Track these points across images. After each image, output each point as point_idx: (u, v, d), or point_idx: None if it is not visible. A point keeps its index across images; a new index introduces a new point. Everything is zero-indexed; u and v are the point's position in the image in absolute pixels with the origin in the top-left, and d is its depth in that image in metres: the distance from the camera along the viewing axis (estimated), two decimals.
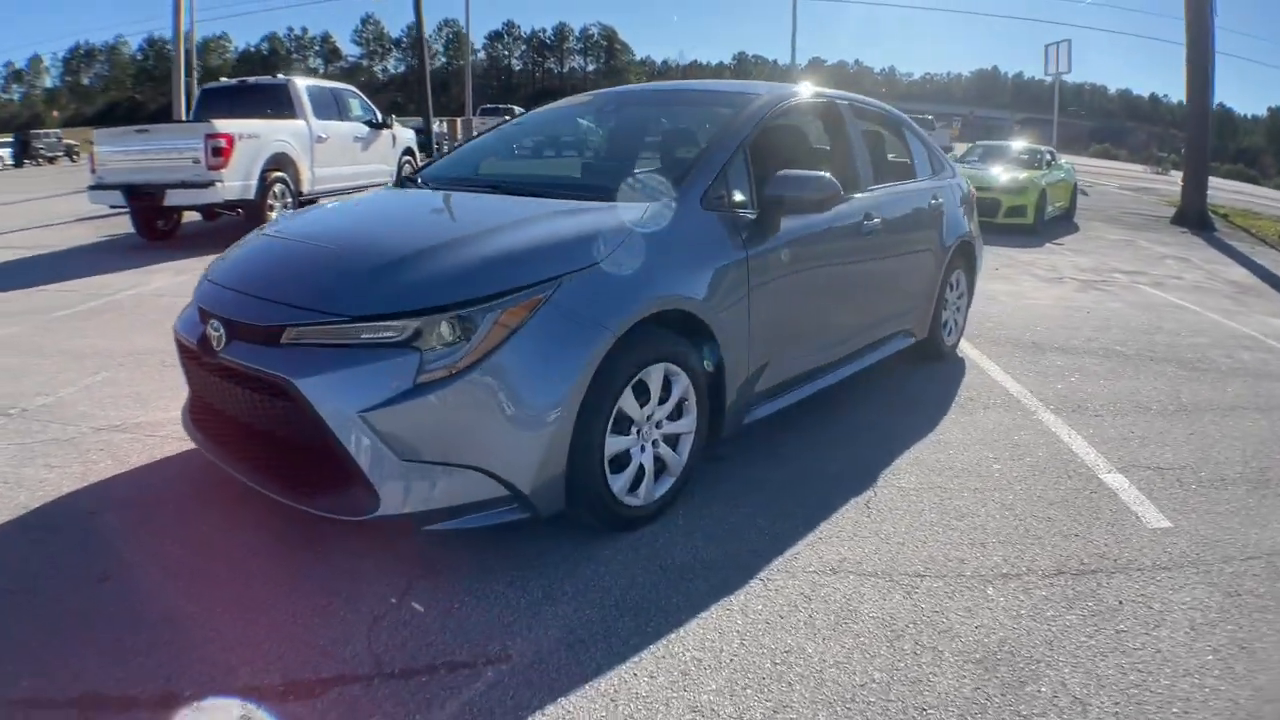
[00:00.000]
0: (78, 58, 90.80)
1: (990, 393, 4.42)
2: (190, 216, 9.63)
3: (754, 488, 3.05)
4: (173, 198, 7.93)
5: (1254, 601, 2.45)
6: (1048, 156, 13.78)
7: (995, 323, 6.20)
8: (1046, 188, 12.41)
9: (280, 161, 8.81)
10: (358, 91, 11.27)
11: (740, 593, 2.35)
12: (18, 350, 4.64)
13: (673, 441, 2.79)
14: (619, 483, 2.56)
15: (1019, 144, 14.83)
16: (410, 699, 1.87)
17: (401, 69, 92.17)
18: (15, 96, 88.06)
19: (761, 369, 3.13)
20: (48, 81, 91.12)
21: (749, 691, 1.93)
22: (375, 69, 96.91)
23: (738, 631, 2.16)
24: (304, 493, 2.35)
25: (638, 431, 2.62)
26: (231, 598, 2.26)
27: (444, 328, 2.23)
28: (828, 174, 3.10)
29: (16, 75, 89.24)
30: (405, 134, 12.22)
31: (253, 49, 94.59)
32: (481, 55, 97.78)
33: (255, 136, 8.46)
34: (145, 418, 3.60)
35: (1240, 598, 2.47)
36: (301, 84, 9.73)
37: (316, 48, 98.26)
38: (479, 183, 3.34)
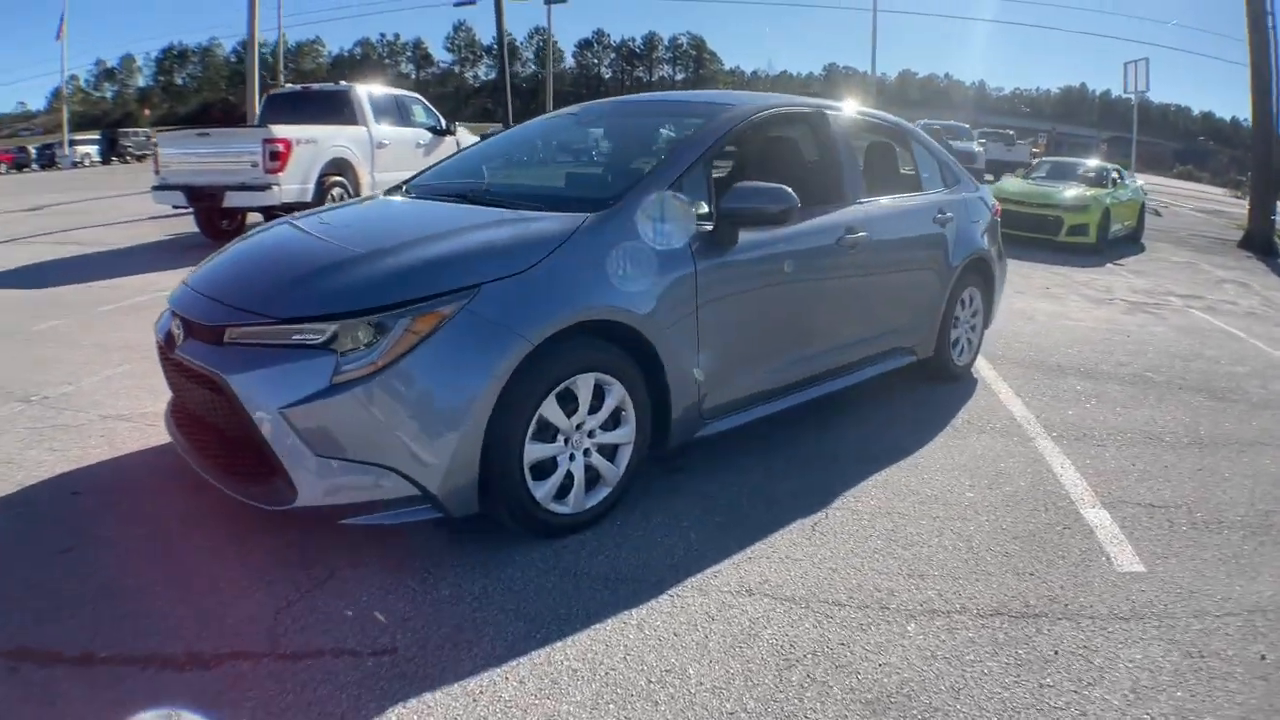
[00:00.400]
0: (170, 58, 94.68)
1: (992, 415, 4.22)
2: (255, 216, 10.18)
3: (703, 502, 3.00)
4: (231, 199, 8.39)
5: (1217, 666, 2.21)
6: (1115, 175, 13.13)
7: (1026, 343, 5.92)
8: (1111, 207, 11.78)
9: (339, 166, 9.19)
10: (421, 98, 11.65)
11: (644, 607, 2.31)
12: (57, 342, 4.99)
13: (609, 452, 2.79)
14: (542, 490, 2.57)
15: (1089, 162, 14.18)
16: (288, 680, 1.93)
17: (492, 75, 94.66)
18: (108, 94, 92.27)
19: (716, 383, 3.09)
20: (140, 81, 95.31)
21: (611, 707, 1.90)
22: (466, 75, 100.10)
23: (625, 646, 2.13)
24: (238, 482, 2.46)
25: (565, 440, 2.63)
26: (168, 575, 2.39)
27: (359, 331, 2.30)
28: (786, 187, 3.03)
29: (109, 73, 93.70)
30: (469, 140, 12.57)
31: (346, 53, 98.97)
32: (571, 63, 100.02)
33: (313, 141, 8.86)
34: (151, 408, 3.82)
35: (1201, 659, 2.24)
36: (363, 90, 10.14)
37: (408, 53, 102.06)
38: (452, 192, 3.42)
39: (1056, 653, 2.23)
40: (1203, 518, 3.15)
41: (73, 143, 37.60)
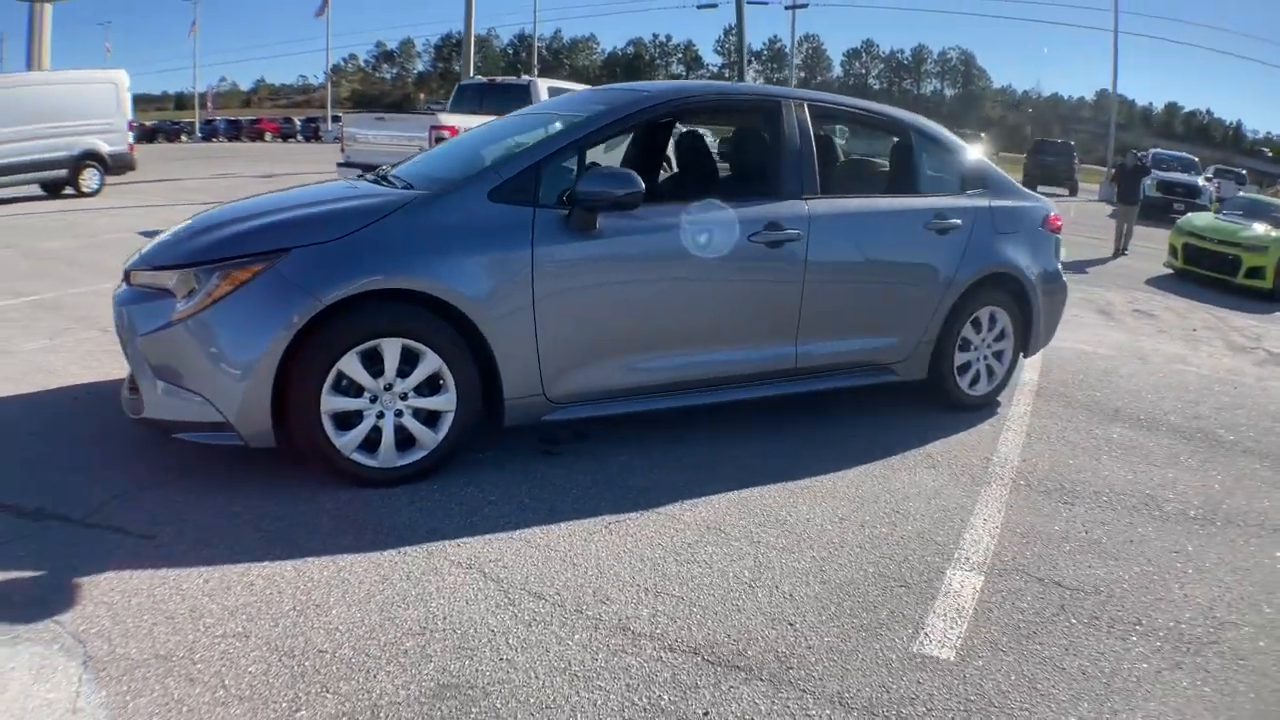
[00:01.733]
0: (449, 46, 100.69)
1: (965, 452, 3.63)
2: None
3: (535, 483, 2.99)
4: None
5: None
6: None
7: (1108, 383, 4.94)
8: None
9: None
10: None
11: (361, 557, 2.42)
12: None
13: (431, 418, 2.92)
14: (344, 439, 2.77)
15: None
16: (79, 541, 2.44)
17: (759, 81, 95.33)
18: (387, 76, 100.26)
19: (568, 370, 3.06)
20: (419, 66, 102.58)
21: (264, 621, 2.10)
22: (733, 79, 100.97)
23: (292, 585, 2.28)
24: (128, 394, 2.99)
25: (372, 398, 2.82)
26: (79, 459, 2.97)
27: (190, 281, 2.68)
28: (633, 172, 2.93)
29: (388, 55, 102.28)
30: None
31: (619, 51, 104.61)
32: (839, 73, 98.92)
33: None
34: None
35: None
36: (543, 85, 10.89)
37: (679, 55, 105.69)
38: (397, 178, 3.62)
39: (705, 714, 1.89)
40: (1111, 615, 2.44)
41: (335, 118, 43.11)
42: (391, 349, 2.77)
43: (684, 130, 3.79)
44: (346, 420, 2.79)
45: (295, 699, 1.84)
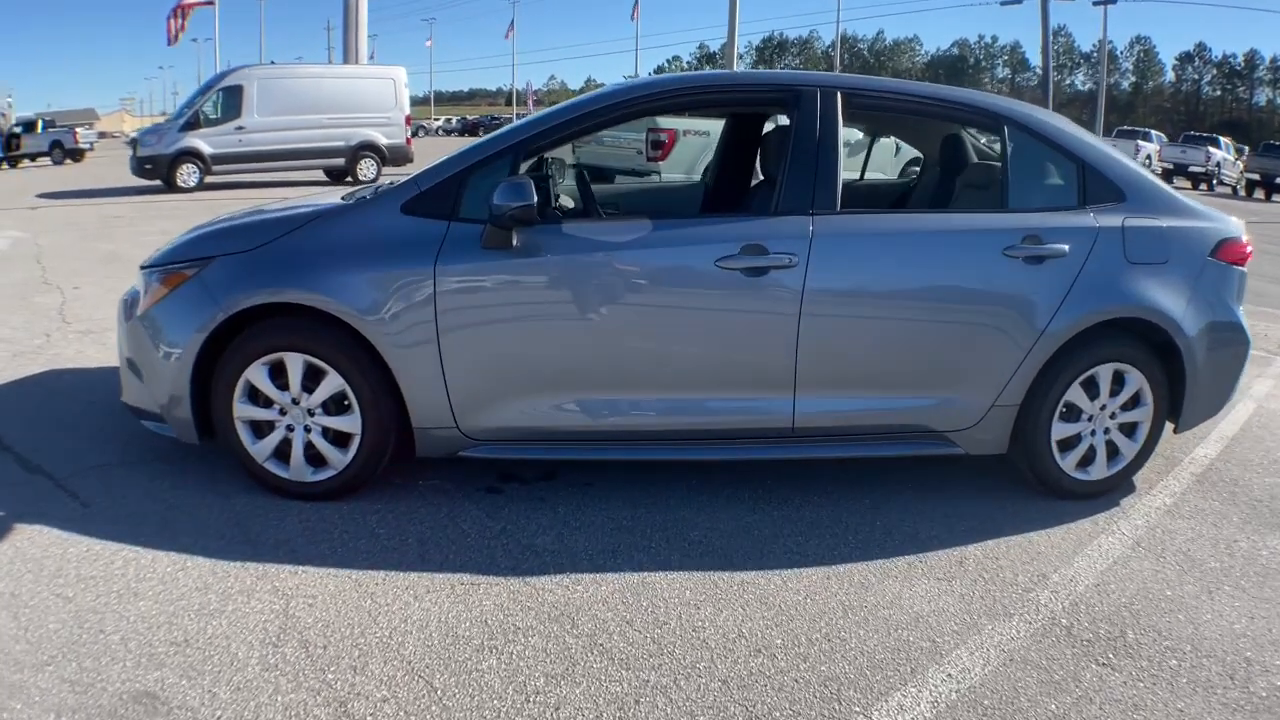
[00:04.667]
0: (770, 47, 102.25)
1: (1021, 562, 2.62)
2: None
3: (440, 524, 2.79)
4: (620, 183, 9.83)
5: None
6: None
7: None
8: None
9: None
10: None
11: (208, 561, 2.49)
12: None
13: (342, 438, 2.85)
14: (256, 446, 2.85)
15: None
16: (42, 493, 2.88)
17: (1089, 85, 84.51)
18: None
19: (484, 402, 2.81)
20: (741, 68, 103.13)
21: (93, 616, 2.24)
22: (1062, 83, 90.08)
23: (135, 571, 2.43)
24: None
25: (281, 411, 2.83)
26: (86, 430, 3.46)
27: (144, 281, 2.97)
28: (526, 180, 2.59)
29: (709, 57, 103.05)
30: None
31: (942, 53, 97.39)
32: (1170, 78, 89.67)
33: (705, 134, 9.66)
34: None
35: None
36: None
37: (1004, 57, 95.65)
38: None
39: None
40: None
41: None
42: (294, 364, 2.78)
43: (648, 131, 3.27)
44: (260, 429, 2.83)
45: (43, 662, 2.02)
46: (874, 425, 2.95)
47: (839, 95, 2.94)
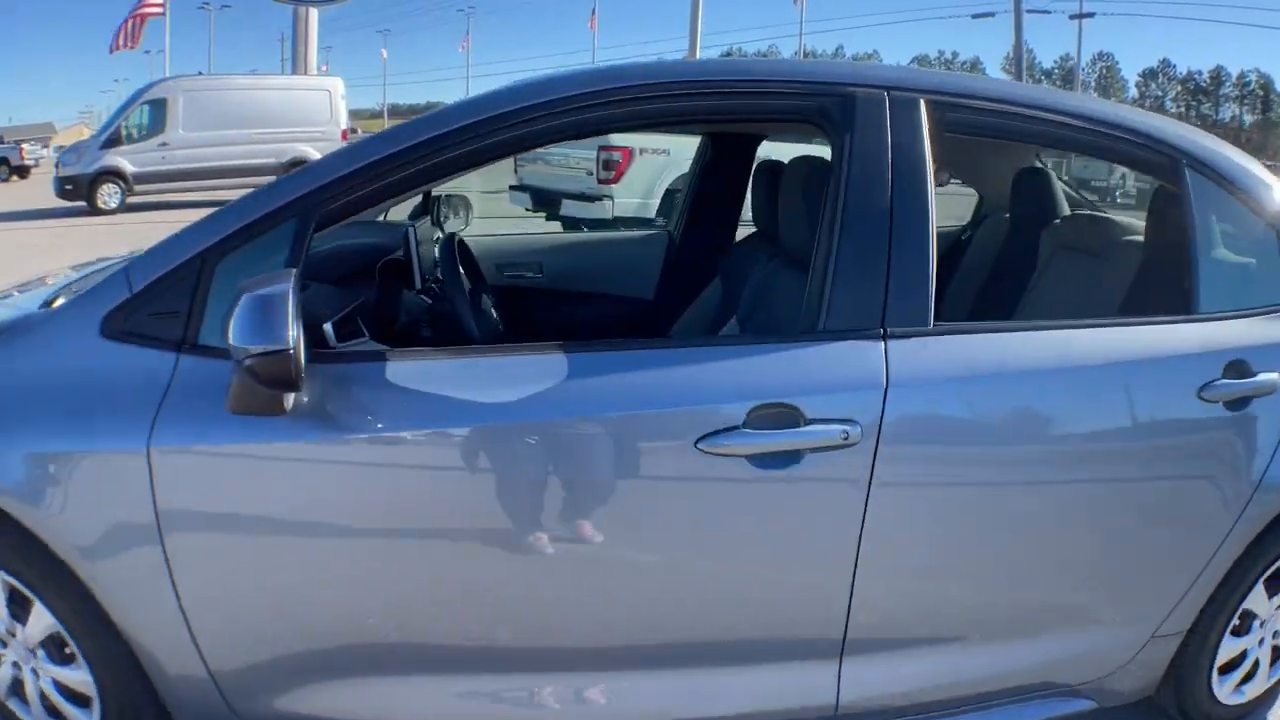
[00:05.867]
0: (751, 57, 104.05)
1: None
2: None
3: None
4: (567, 208, 8.60)
5: None
6: None
7: None
8: None
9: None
10: None
11: None
12: None
13: (82, 697, 1.69)
14: None
15: None
16: None
17: None
18: None
19: (279, 675, 1.60)
20: None
21: None
22: None
23: None
24: None
25: (1, 643, 1.69)
26: None
27: None
28: (285, 292, 1.30)
29: None
30: None
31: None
32: (1133, 94, 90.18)
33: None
34: None
35: None
36: None
37: (964, 70, 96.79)
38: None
39: None
40: None
41: None
42: None
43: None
44: None
45: None
46: (963, 697, 1.75)
47: (923, 104, 1.66)
